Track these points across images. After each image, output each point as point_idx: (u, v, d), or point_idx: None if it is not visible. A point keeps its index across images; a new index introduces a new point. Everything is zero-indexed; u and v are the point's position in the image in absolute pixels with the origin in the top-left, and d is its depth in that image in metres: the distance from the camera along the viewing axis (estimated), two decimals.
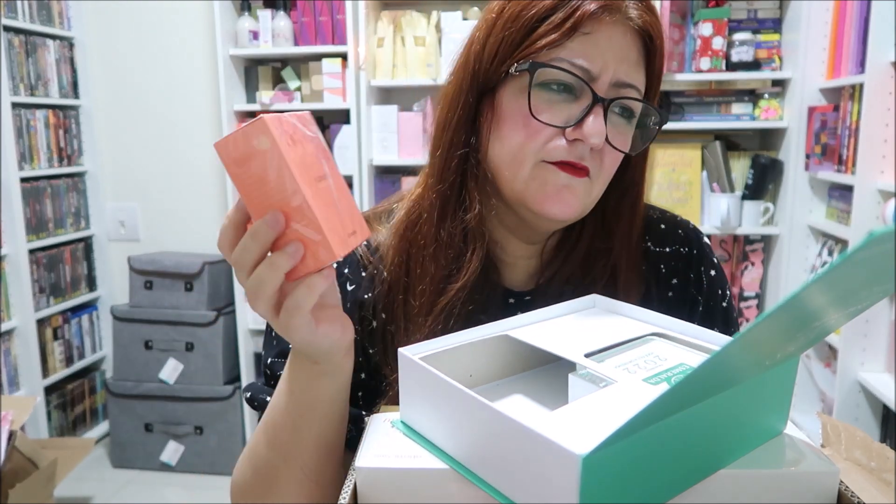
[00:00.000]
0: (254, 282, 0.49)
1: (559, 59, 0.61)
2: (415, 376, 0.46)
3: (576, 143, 0.62)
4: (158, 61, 2.77)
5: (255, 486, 0.63)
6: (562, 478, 0.35)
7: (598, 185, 0.65)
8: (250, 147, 0.45)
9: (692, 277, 0.74)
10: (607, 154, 0.64)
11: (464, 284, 0.67)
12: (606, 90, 0.62)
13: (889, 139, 1.89)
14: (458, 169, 0.67)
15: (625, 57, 0.62)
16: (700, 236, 0.76)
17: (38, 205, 2.57)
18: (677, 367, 0.46)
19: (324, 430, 0.60)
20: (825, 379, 2.26)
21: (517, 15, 0.63)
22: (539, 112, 0.62)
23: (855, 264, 0.30)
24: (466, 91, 0.66)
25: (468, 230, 0.67)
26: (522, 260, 0.73)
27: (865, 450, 0.67)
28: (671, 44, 2.37)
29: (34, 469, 1.76)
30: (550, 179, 0.63)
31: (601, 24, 0.61)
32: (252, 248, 0.48)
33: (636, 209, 0.71)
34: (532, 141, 0.62)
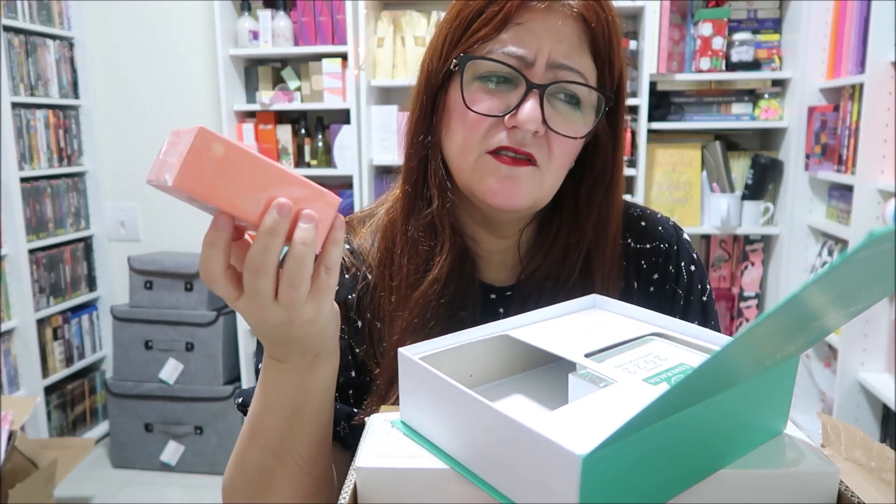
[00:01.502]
0: (294, 266, 0.48)
1: (493, 51, 0.63)
2: (415, 376, 0.46)
3: (515, 131, 0.63)
4: (159, 61, 2.77)
5: (247, 489, 0.63)
6: (562, 478, 0.35)
7: (550, 174, 0.66)
8: (208, 160, 0.44)
9: (672, 272, 0.75)
10: (555, 141, 0.64)
11: (435, 278, 0.68)
12: (543, 74, 0.62)
13: (889, 139, 1.89)
14: (420, 168, 0.70)
15: (562, 41, 0.62)
16: (679, 233, 0.77)
17: (38, 205, 2.57)
18: (677, 367, 0.46)
19: (319, 421, 0.60)
20: (825, 379, 2.26)
21: (457, 13, 0.66)
22: (475, 104, 0.64)
23: (855, 264, 0.30)
24: (422, 92, 0.69)
25: (433, 226, 0.69)
26: (497, 255, 0.74)
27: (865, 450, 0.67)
28: (671, 44, 2.37)
29: (34, 469, 1.76)
30: (492, 171, 0.64)
31: (535, 13, 0.62)
32: (274, 245, 0.47)
33: (610, 200, 0.71)
34: (473, 132, 0.64)
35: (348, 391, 0.72)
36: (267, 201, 0.47)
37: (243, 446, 0.63)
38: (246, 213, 0.46)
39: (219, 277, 0.49)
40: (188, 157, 0.43)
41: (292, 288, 0.49)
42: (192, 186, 0.44)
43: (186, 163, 0.43)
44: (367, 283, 0.72)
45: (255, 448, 0.61)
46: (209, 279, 0.49)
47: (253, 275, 0.48)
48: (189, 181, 0.44)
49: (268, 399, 0.59)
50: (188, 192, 0.44)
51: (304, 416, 0.59)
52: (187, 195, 0.45)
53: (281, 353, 0.56)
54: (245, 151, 0.45)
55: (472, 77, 0.64)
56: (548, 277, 0.71)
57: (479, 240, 0.74)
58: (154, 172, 0.47)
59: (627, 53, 2.32)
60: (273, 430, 0.59)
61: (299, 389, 0.58)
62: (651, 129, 2.39)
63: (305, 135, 2.62)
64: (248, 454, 0.62)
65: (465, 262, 0.71)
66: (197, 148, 0.43)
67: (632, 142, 2.40)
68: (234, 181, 0.45)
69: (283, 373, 0.57)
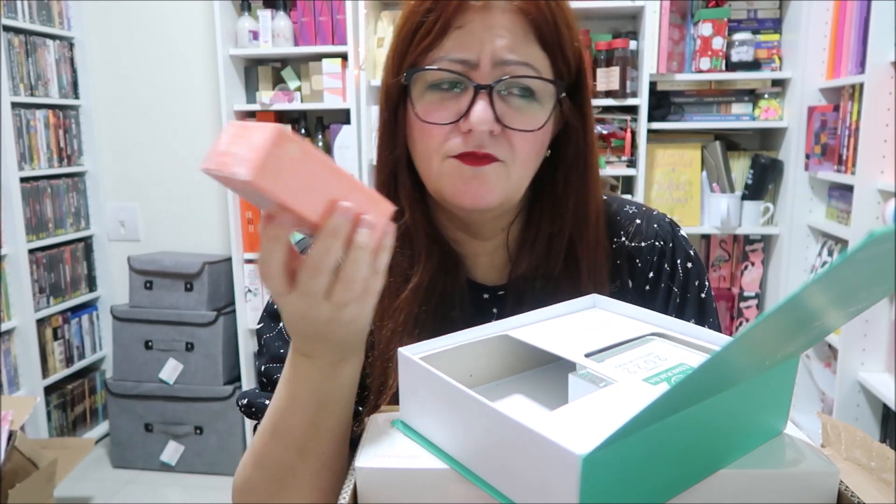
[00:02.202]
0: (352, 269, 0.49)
1: (438, 59, 0.63)
2: (415, 376, 0.46)
3: (470, 134, 0.63)
4: (158, 61, 2.77)
5: (267, 486, 0.62)
6: (562, 478, 0.35)
7: (517, 169, 0.66)
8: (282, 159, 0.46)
9: (667, 269, 0.74)
10: (514, 136, 0.64)
11: (416, 285, 0.69)
12: (490, 73, 0.63)
13: (889, 139, 1.89)
14: (390, 181, 0.71)
15: (504, 36, 0.62)
16: (675, 229, 0.77)
17: (38, 205, 2.57)
18: (677, 367, 0.46)
19: (342, 418, 0.60)
20: (825, 379, 2.26)
21: (402, 26, 0.66)
22: (429, 114, 0.64)
23: (855, 264, 0.30)
24: (383, 109, 0.70)
25: (408, 236, 0.70)
26: (485, 256, 0.75)
27: (865, 450, 0.67)
28: (671, 44, 2.37)
29: (34, 469, 1.76)
30: (456, 173, 0.65)
31: (473, 14, 0.62)
32: (335, 247, 0.49)
33: (586, 186, 0.71)
34: (432, 141, 0.65)
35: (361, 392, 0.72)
36: (329, 204, 0.48)
37: (264, 443, 0.62)
38: (309, 214, 0.48)
39: (278, 272, 0.50)
40: (269, 155, 0.45)
41: (347, 290, 0.50)
42: (267, 183, 0.45)
43: (265, 161, 0.45)
44: None
45: (277, 446, 0.61)
46: (267, 273, 0.50)
47: (312, 273, 0.49)
48: (264, 178, 0.45)
49: (293, 395, 0.59)
50: (262, 188, 0.45)
51: (328, 412, 0.59)
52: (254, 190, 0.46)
53: (312, 350, 0.57)
54: (315, 153, 0.47)
55: (423, 88, 0.65)
56: (537, 272, 0.71)
57: (464, 243, 0.74)
58: (214, 162, 0.48)
59: (627, 53, 2.32)
60: (298, 427, 0.59)
61: (327, 386, 0.58)
62: (651, 129, 2.39)
63: (305, 135, 2.62)
64: (270, 452, 0.61)
65: (449, 265, 0.72)
66: (276, 145, 0.45)
67: (631, 142, 2.41)
68: (302, 182, 0.47)
69: (312, 369, 0.58)
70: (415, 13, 0.64)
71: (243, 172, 0.45)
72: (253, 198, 0.50)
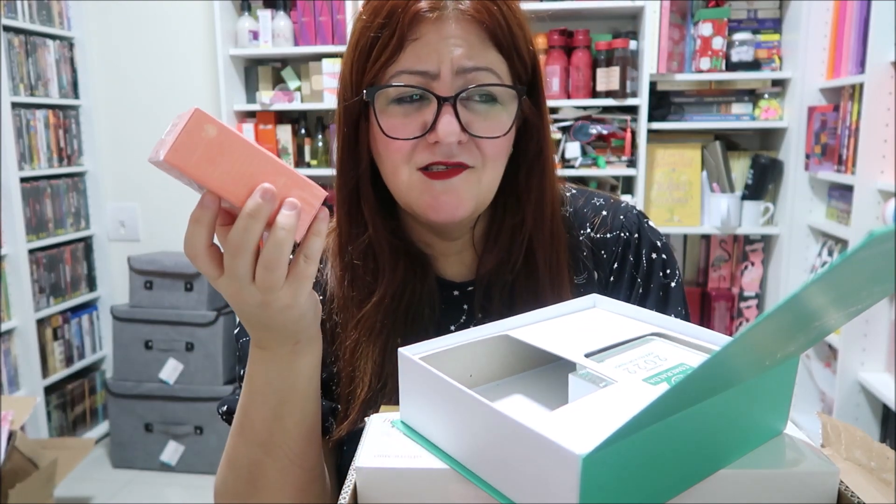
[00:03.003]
0: (272, 250, 0.49)
1: (397, 74, 0.63)
2: (415, 376, 0.46)
3: (438, 145, 0.63)
4: (158, 61, 2.77)
5: (239, 485, 0.63)
6: (562, 478, 0.35)
7: (487, 173, 0.66)
8: (200, 139, 0.47)
9: (631, 260, 0.75)
10: (482, 142, 0.64)
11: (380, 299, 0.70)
12: (452, 82, 0.63)
13: (889, 139, 1.89)
14: (352, 197, 0.71)
15: (462, 44, 0.62)
16: (643, 220, 0.77)
17: (38, 205, 2.57)
18: (677, 367, 0.46)
19: (306, 411, 0.61)
20: (825, 379, 2.26)
21: (356, 42, 0.66)
22: (394, 130, 0.64)
23: (855, 264, 0.30)
24: (342, 124, 0.70)
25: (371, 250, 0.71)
26: (454, 255, 0.75)
27: (865, 450, 0.67)
28: (671, 44, 2.37)
29: (34, 469, 1.76)
30: (426, 188, 0.65)
31: (427, 25, 0.62)
32: (254, 227, 0.49)
33: (544, 179, 0.71)
34: (399, 155, 0.65)
35: (330, 385, 0.73)
36: (253, 186, 0.49)
37: (233, 444, 0.63)
38: (232, 195, 0.49)
39: (201, 253, 0.51)
40: (182, 134, 0.46)
41: (268, 271, 0.50)
42: (181, 163, 0.46)
43: (180, 140, 0.46)
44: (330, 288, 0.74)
45: (243, 443, 0.62)
46: (192, 254, 0.51)
47: (232, 254, 0.50)
48: (179, 158, 0.46)
49: (253, 390, 0.60)
50: (178, 168, 0.46)
51: (290, 405, 0.60)
52: (178, 171, 0.47)
53: (262, 339, 0.57)
54: (236, 136, 0.48)
55: (385, 103, 0.65)
56: (503, 266, 0.72)
57: (432, 244, 0.75)
58: (153, 151, 0.49)
59: (627, 53, 2.32)
60: (260, 421, 0.60)
61: (283, 378, 0.59)
62: (651, 129, 2.39)
63: (305, 135, 2.62)
64: (238, 450, 0.62)
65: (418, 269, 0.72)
66: (191, 127, 0.46)
67: (632, 142, 2.41)
68: (223, 163, 0.48)
69: (267, 361, 0.58)
70: (368, 28, 0.64)
71: (162, 154, 0.46)
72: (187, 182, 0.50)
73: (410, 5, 0.62)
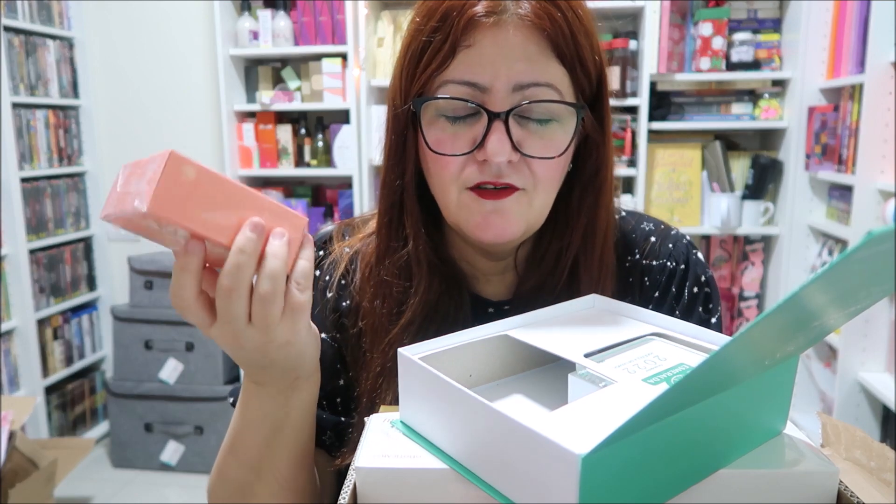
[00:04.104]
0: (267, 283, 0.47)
1: (445, 84, 0.59)
2: (415, 376, 0.46)
3: (487, 164, 0.59)
4: (158, 61, 2.77)
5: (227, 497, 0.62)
6: (561, 478, 0.35)
7: (539, 197, 0.62)
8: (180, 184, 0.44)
9: (673, 292, 0.71)
10: (534, 163, 0.60)
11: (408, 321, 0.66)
12: (505, 97, 0.58)
13: (889, 139, 1.89)
14: (395, 211, 0.67)
15: (520, 56, 0.57)
16: (691, 252, 0.73)
17: (38, 205, 2.57)
18: (677, 367, 0.46)
19: (299, 441, 0.60)
20: (825, 379, 2.26)
21: (407, 47, 0.62)
22: (440, 145, 0.60)
23: (854, 264, 0.30)
24: (391, 132, 0.66)
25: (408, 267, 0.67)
26: (496, 275, 0.72)
27: (865, 450, 0.67)
28: (671, 44, 2.37)
29: (34, 469, 1.76)
30: (475, 208, 0.61)
31: (483, 31, 0.57)
32: (247, 263, 0.46)
33: (598, 203, 0.67)
34: (447, 172, 0.61)
35: (336, 399, 0.71)
36: (238, 222, 0.47)
37: (224, 458, 0.62)
38: (220, 236, 0.46)
39: (191, 303, 0.48)
40: (162, 181, 0.43)
41: (266, 305, 0.48)
42: (167, 212, 0.43)
43: (161, 187, 0.43)
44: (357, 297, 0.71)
45: (235, 463, 0.61)
46: (181, 306, 0.48)
47: (226, 296, 0.47)
48: (164, 206, 0.43)
49: (247, 418, 0.58)
50: (163, 218, 0.43)
51: (283, 435, 0.58)
52: (157, 222, 0.44)
53: (260, 377, 0.55)
54: (214, 174, 0.46)
55: (433, 115, 0.61)
56: (542, 287, 0.68)
57: (476, 263, 0.71)
58: (114, 205, 0.46)
59: (627, 53, 2.32)
60: (253, 447, 0.59)
61: (279, 412, 0.57)
62: (651, 129, 2.39)
63: (305, 135, 2.62)
64: (229, 468, 0.61)
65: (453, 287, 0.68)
66: (170, 172, 0.43)
67: (632, 142, 2.41)
68: (205, 204, 0.45)
69: (263, 396, 0.56)
70: (420, 31, 0.60)
71: (141, 205, 0.43)
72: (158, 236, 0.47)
73: (466, 8, 0.57)
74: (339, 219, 2.64)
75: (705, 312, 0.72)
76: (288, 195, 2.71)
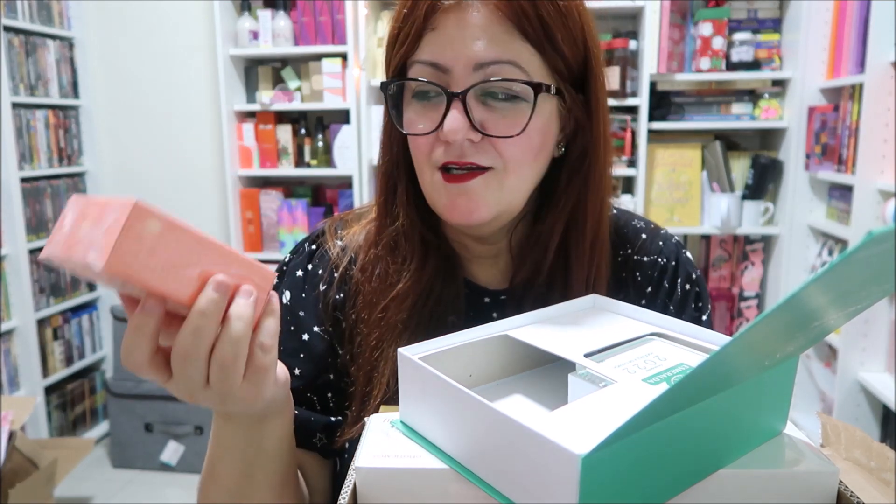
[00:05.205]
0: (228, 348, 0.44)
1: (412, 65, 0.61)
2: (414, 376, 0.46)
3: (450, 144, 0.60)
4: (158, 61, 2.77)
5: None
6: (561, 478, 0.35)
7: (511, 178, 0.61)
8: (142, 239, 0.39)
9: (666, 287, 0.72)
10: (499, 142, 0.59)
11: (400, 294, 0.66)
12: (465, 77, 0.58)
13: (889, 139, 1.89)
14: (388, 187, 0.69)
15: (481, 35, 0.58)
16: (681, 250, 0.74)
17: (38, 205, 2.57)
18: (677, 367, 0.46)
19: (275, 469, 0.59)
20: (825, 379, 2.26)
21: (388, 32, 0.64)
22: (411, 123, 0.62)
23: (854, 264, 0.30)
24: (385, 112, 0.68)
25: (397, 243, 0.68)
26: (487, 259, 0.72)
27: (865, 450, 0.67)
28: (671, 44, 2.37)
29: (34, 469, 1.76)
30: (443, 190, 0.62)
31: (447, 15, 0.58)
32: (207, 327, 0.43)
33: (587, 186, 0.66)
34: (420, 153, 0.63)
35: (327, 394, 0.70)
36: (202, 279, 0.42)
37: (205, 482, 0.61)
38: (178, 294, 0.42)
39: (143, 366, 0.44)
40: (122, 236, 0.38)
41: (226, 371, 0.44)
42: (124, 270, 0.38)
43: (119, 243, 0.38)
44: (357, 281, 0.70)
45: (214, 488, 0.60)
46: (133, 367, 0.44)
47: (181, 361, 0.44)
48: (121, 264, 0.38)
49: (221, 447, 0.57)
50: (120, 276, 0.39)
51: (258, 465, 0.57)
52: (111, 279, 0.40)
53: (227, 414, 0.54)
54: (181, 227, 0.41)
55: (409, 98, 0.63)
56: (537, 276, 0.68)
57: (468, 246, 0.71)
58: (61, 249, 0.41)
59: (627, 53, 2.32)
60: (229, 476, 0.58)
61: (250, 446, 0.56)
62: (651, 129, 2.39)
63: (305, 135, 2.62)
64: (209, 491, 0.61)
65: (447, 269, 0.69)
66: (132, 225, 0.38)
67: (632, 142, 2.41)
68: (168, 259, 0.40)
69: (233, 431, 0.55)
70: (397, 17, 0.62)
71: (97, 261, 0.38)
72: (113, 283, 0.42)
73: None
74: None
75: (696, 310, 0.73)
76: (288, 195, 2.71)
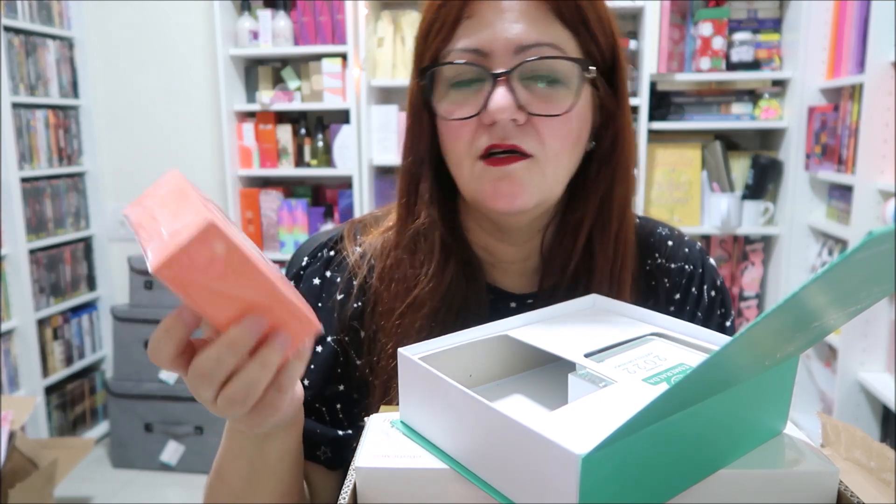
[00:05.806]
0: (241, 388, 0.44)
1: (450, 53, 0.60)
2: (414, 376, 0.46)
3: (494, 126, 0.59)
4: (158, 61, 2.77)
5: None
6: (561, 478, 0.35)
7: (550, 165, 0.61)
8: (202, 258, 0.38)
9: (693, 293, 0.73)
10: (542, 125, 0.60)
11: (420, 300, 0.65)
12: (507, 59, 0.59)
13: (889, 139, 1.89)
14: (410, 189, 0.68)
15: (517, 20, 0.58)
16: (705, 257, 0.75)
17: (38, 205, 2.57)
18: (677, 367, 0.46)
19: (279, 480, 0.59)
20: (825, 379, 2.26)
21: (419, 27, 0.64)
22: (451, 112, 0.62)
23: (854, 264, 0.30)
24: (409, 112, 0.67)
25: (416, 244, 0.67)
26: (516, 263, 0.71)
27: (865, 450, 0.67)
28: (671, 44, 2.37)
29: (34, 469, 1.76)
30: (486, 176, 0.61)
31: (482, 2, 0.59)
32: (228, 360, 0.43)
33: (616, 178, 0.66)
34: (460, 143, 0.62)
35: (336, 405, 0.69)
36: (242, 309, 0.41)
37: (214, 478, 0.62)
38: (215, 317, 0.41)
39: (166, 364, 0.44)
40: (182, 251, 0.37)
41: (231, 404, 0.45)
42: (173, 279, 0.38)
43: (177, 257, 0.37)
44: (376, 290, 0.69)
45: (222, 487, 0.61)
46: (156, 362, 0.44)
47: (196, 379, 0.44)
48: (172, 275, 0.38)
49: (231, 447, 0.58)
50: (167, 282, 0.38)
51: (264, 473, 0.58)
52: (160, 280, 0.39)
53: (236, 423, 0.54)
54: (244, 255, 0.39)
55: (445, 88, 0.62)
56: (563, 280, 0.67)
57: (493, 250, 0.70)
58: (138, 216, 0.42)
59: (627, 53, 2.32)
60: (236, 476, 0.59)
61: (256, 454, 0.57)
62: (651, 129, 2.39)
63: (305, 135, 2.62)
64: (217, 490, 0.62)
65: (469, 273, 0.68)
66: (196, 243, 0.37)
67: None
68: (217, 281, 0.39)
69: (240, 437, 0.57)
70: (429, 10, 0.62)
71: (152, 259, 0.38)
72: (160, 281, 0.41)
73: None
74: (339, 219, 2.64)
75: (721, 316, 0.73)
76: (288, 195, 2.71)
